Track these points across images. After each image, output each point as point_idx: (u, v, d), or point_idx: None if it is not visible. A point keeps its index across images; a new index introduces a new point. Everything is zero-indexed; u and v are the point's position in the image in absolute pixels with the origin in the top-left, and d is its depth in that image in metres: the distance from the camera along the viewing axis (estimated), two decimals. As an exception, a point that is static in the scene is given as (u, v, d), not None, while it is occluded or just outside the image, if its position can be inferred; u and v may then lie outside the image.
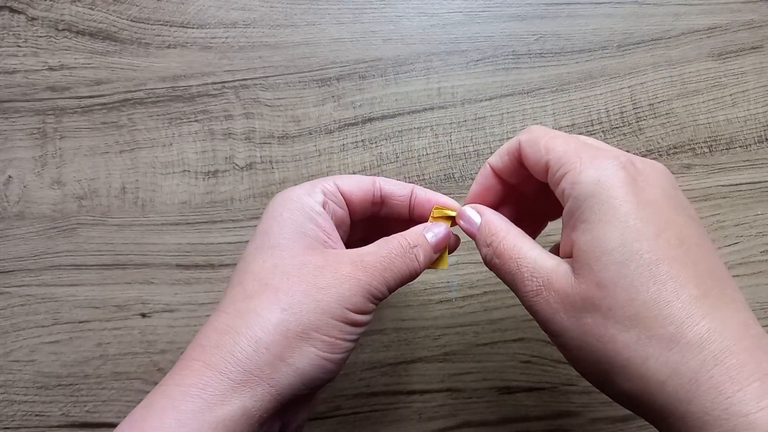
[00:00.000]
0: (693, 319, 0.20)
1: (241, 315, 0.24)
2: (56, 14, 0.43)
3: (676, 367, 0.20)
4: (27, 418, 0.39)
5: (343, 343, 0.24)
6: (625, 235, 0.21)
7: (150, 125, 0.42)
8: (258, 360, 0.23)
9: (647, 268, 0.21)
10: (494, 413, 0.38)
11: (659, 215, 0.22)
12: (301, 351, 0.23)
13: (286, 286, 0.24)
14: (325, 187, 0.28)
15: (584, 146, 0.24)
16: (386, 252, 0.26)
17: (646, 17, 0.43)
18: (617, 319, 0.21)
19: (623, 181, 0.22)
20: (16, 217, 0.41)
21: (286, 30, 0.43)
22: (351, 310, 0.24)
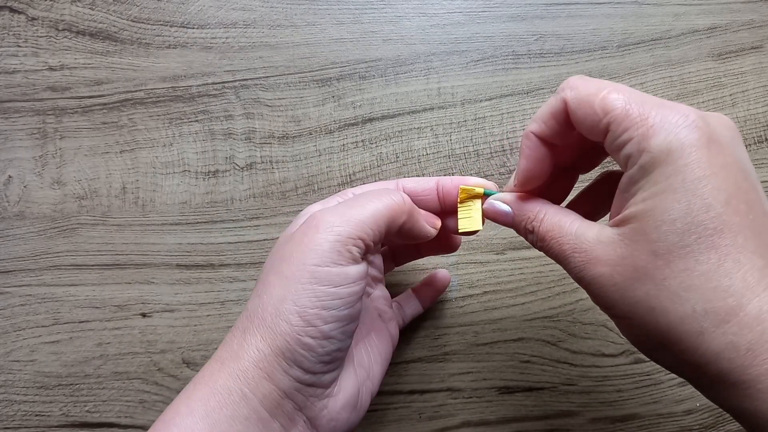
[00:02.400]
0: (754, 290, 0.19)
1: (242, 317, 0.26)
2: (56, 14, 0.43)
3: (733, 339, 0.19)
4: (27, 418, 0.39)
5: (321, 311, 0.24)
6: (691, 204, 0.20)
7: (150, 125, 0.42)
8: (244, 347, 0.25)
9: (710, 237, 0.20)
10: (494, 413, 0.38)
11: (730, 180, 0.20)
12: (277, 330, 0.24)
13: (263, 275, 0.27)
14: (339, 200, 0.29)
15: (646, 102, 0.21)
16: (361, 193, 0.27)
17: (645, 17, 0.43)
18: (671, 290, 0.20)
19: (696, 145, 0.20)
20: (17, 217, 0.41)
21: (286, 30, 0.43)
22: (318, 264, 0.24)
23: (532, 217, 0.26)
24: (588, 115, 0.22)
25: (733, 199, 0.20)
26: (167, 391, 0.39)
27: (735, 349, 0.19)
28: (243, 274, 0.40)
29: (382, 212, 0.26)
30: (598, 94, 0.22)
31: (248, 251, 0.40)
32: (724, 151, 0.20)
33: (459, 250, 0.40)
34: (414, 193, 0.30)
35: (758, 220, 0.20)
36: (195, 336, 0.39)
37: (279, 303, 0.24)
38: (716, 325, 0.19)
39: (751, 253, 0.20)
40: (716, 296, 0.19)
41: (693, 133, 0.20)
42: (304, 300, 0.24)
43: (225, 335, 0.27)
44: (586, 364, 0.38)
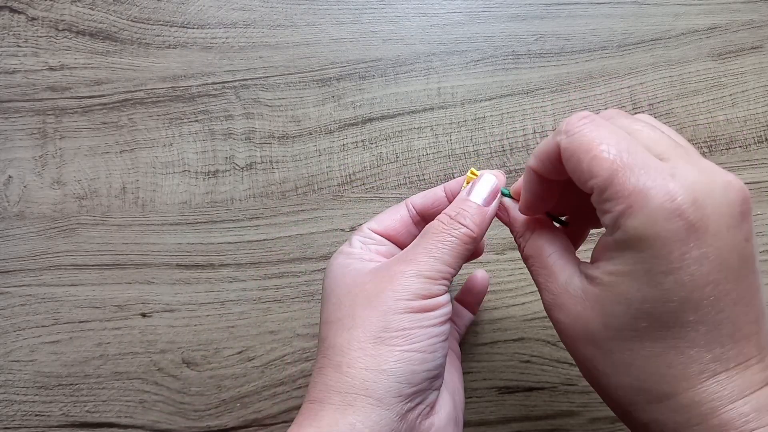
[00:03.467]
0: (690, 382, 0.20)
1: (324, 354, 0.26)
2: (56, 14, 0.43)
3: (660, 418, 0.21)
4: (27, 418, 0.39)
5: (420, 330, 0.25)
6: (648, 296, 0.20)
7: (150, 125, 0.42)
8: (346, 380, 0.24)
9: (659, 330, 0.20)
10: (494, 413, 0.38)
11: (699, 276, 0.19)
12: (382, 354, 0.24)
13: (346, 311, 0.26)
14: (359, 237, 0.30)
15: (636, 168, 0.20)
16: (428, 236, 0.26)
17: (645, 17, 0.43)
18: (614, 362, 0.21)
19: (671, 238, 0.19)
20: (17, 217, 0.41)
21: (286, 30, 0.43)
22: (412, 298, 0.25)
23: (521, 232, 0.26)
24: (575, 170, 0.21)
25: (696, 296, 0.19)
26: (167, 391, 0.39)
27: (661, 425, 0.21)
28: (243, 274, 0.40)
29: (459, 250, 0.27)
30: (589, 152, 0.20)
31: (248, 251, 0.40)
32: (705, 241, 0.19)
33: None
34: (426, 208, 0.30)
35: (722, 313, 0.20)
36: (195, 336, 0.39)
37: (382, 332, 0.25)
38: (647, 402, 0.21)
39: (700, 347, 0.20)
40: (652, 380, 0.20)
41: (672, 223, 0.19)
42: (405, 324, 0.25)
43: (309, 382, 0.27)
44: (586, 364, 0.38)
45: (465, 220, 0.26)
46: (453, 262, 0.26)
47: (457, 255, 0.26)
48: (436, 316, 0.25)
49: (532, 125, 0.42)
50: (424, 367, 0.25)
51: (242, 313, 0.40)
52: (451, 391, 0.30)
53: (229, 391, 0.39)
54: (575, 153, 0.21)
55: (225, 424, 0.38)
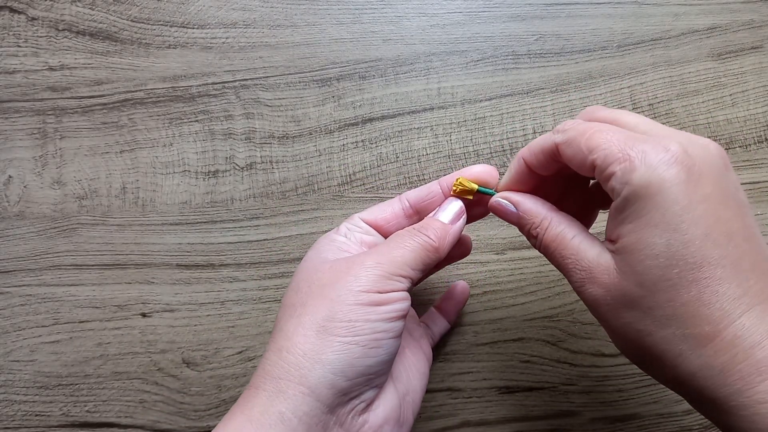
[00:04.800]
0: (730, 318, 0.21)
1: (273, 338, 0.26)
2: (56, 14, 0.43)
3: (708, 361, 0.21)
4: (27, 418, 0.39)
5: (365, 324, 0.25)
6: (672, 239, 0.21)
7: (150, 125, 0.42)
8: (283, 365, 0.24)
9: (690, 271, 0.21)
10: (494, 413, 0.38)
11: (709, 213, 0.21)
12: (323, 342, 0.24)
13: (301, 297, 0.26)
14: (347, 224, 0.30)
15: (629, 139, 0.23)
16: (394, 238, 0.28)
17: (645, 17, 0.43)
18: (655, 317, 0.22)
19: (674, 181, 0.21)
20: (17, 217, 0.41)
21: (286, 30, 0.43)
22: (365, 290, 0.25)
23: (536, 224, 0.26)
24: (576, 154, 0.24)
25: (713, 232, 0.21)
26: (167, 391, 0.39)
27: (709, 369, 0.21)
28: (243, 274, 0.40)
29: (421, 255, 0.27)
30: (585, 134, 0.23)
31: (248, 251, 0.40)
32: (704, 183, 0.21)
33: (459, 250, 0.40)
34: (419, 200, 0.30)
35: (739, 248, 0.21)
36: (195, 336, 0.39)
37: (326, 321, 0.25)
38: (693, 348, 0.21)
39: (729, 283, 0.21)
40: (695, 323, 0.21)
41: (672, 168, 0.21)
42: (351, 315, 0.25)
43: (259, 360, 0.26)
44: (586, 364, 0.38)
45: (428, 232, 0.28)
46: (412, 263, 0.27)
47: (417, 258, 0.27)
48: (386, 311, 0.25)
49: (532, 125, 0.42)
50: (364, 362, 0.25)
51: (242, 313, 0.40)
52: (402, 391, 0.29)
53: (229, 391, 0.39)
54: (573, 140, 0.24)
55: (225, 424, 0.38)
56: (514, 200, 0.28)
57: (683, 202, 0.21)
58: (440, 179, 0.30)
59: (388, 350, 0.26)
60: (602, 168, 0.23)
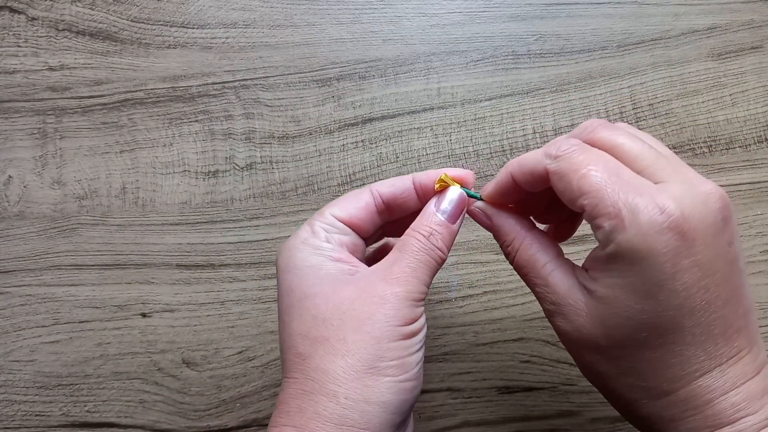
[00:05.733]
0: (688, 378, 0.22)
1: (309, 376, 0.24)
2: (56, 14, 0.43)
3: (659, 412, 0.22)
4: (27, 418, 0.39)
5: (411, 357, 0.24)
6: (647, 307, 0.21)
7: (150, 125, 0.42)
8: (343, 412, 0.23)
9: (658, 337, 0.21)
10: (494, 413, 0.38)
11: (692, 282, 0.21)
12: (379, 385, 0.23)
13: (334, 331, 0.24)
14: (321, 224, 0.27)
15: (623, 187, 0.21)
16: (409, 254, 0.26)
17: (645, 17, 0.43)
18: (618, 366, 0.23)
19: (662, 250, 0.20)
20: (17, 217, 0.41)
21: (286, 30, 0.43)
22: (403, 324, 0.24)
23: (508, 242, 0.26)
24: (566, 189, 0.23)
25: (690, 302, 0.21)
26: (167, 391, 0.39)
27: (660, 419, 0.22)
28: (243, 274, 0.40)
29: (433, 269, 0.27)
30: (577, 173, 0.22)
31: (248, 251, 0.40)
32: (696, 248, 0.20)
33: (458, 250, 0.40)
34: (393, 197, 0.28)
35: (715, 314, 0.21)
36: (195, 336, 0.39)
37: (376, 361, 0.24)
38: (648, 398, 0.22)
39: (695, 348, 0.21)
40: (652, 379, 0.22)
41: (663, 235, 0.20)
42: (398, 352, 0.24)
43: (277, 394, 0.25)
44: (586, 364, 0.38)
45: (438, 242, 0.26)
46: (429, 283, 0.26)
47: (431, 273, 0.26)
48: (420, 339, 0.25)
49: (532, 125, 0.42)
50: (414, 394, 0.25)
51: (242, 313, 0.40)
52: None
53: (229, 391, 0.39)
54: (565, 175, 0.23)
55: (225, 424, 0.38)
56: (489, 214, 0.27)
57: (668, 271, 0.20)
58: (414, 176, 0.28)
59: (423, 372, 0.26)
60: (590, 216, 0.22)
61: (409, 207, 0.29)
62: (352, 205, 0.28)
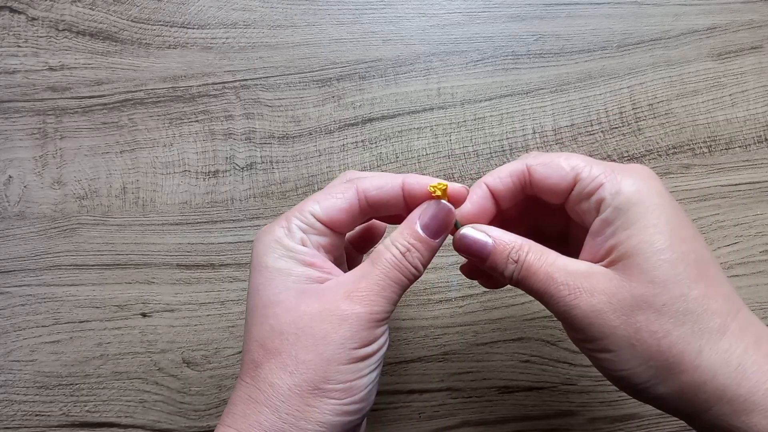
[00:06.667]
0: (732, 313, 0.22)
1: (257, 384, 0.24)
2: (56, 14, 0.43)
3: (724, 356, 0.22)
4: (27, 418, 0.39)
5: (360, 380, 0.24)
6: (672, 237, 0.22)
7: (150, 125, 0.42)
8: (282, 426, 0.23)
9: (694, 266, 0.22)
10: (494, 413, 0.38)
11: (686, 221, 0.24)
12: (322, 406, 0.24)
13: (287, 346, 0.24)
14: (299, 223, 0.26)
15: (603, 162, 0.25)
16: (379, 270, 0.25)
17: (645, 17, 0.43)
18: (671, 314, 0.22)
19: (658, 190, 0.23)
20: (17, 217, 0.41)
21: (286, 30, 0.43)
22: (359, 347, 0.24)
23: (516, 247, 0.25)
24: (554, 171, 0.25)
25: (696, 237, 0.23)
26: (167, 390, 0.39)
27: (727, 365, 0.21)
28: (243, 274, 0.40)
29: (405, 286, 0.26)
30: (560, 156, 0.25)
31: (248, 251, 0.40)
32: (672, 199, 0.24)
33: (459, 250, 0.40)
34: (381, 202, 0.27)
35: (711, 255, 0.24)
36: (195, 336, 0.39)
37: (322, 383, 0.24)
38: (711, 343, 0.22)
39: (723, 280, 0.23)
40: (708, 317, 0.22)
41: (652, 180, 0.24)
42: (347, 376, 0.24)
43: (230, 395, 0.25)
44: (586, 363, 0.38)
45: (414, 261, 0.25)
46: (397, 300, 0.26)
47: (401, 293, 0.26)
48: (376, 361, 0.25)
49: (532, 125, 0.42)
50: (359, 415, 0.25)
51: (242, 313, 0.40)
52: None
53: (229, 391, 0.39)
54: (551, 160, 0.25)
55: (225, 423, 0.38)
56: (484, 229, 0.26)
57: (669, 207, 0.23)
58: (405, 178, 0.26)
59: (375, 393, 0.26)
60: (587, 181, 0.24)
61: (395, 211, 0.28)
62: (334, 205, 0.26)
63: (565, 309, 0.23)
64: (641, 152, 0.41)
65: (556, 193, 0.25)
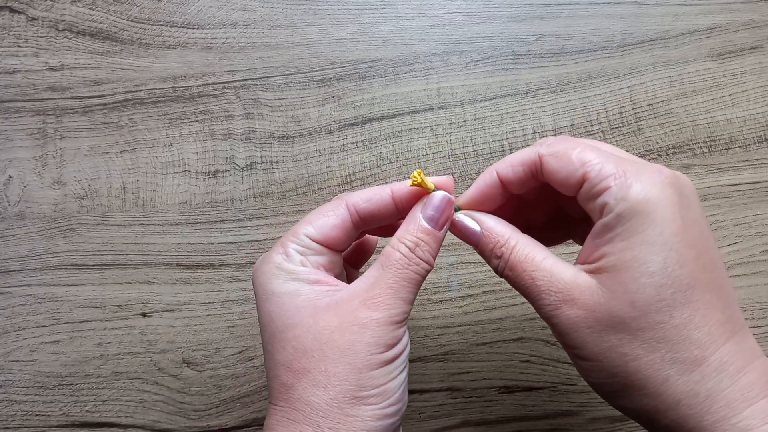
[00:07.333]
0: (716, 343, 0.21)
1: (293, 405, 0.24)
2: (56, 14, 0.43)
3: (694, 388, 0.21)
4: (27, 418, 0.39)
5: (393, 382, 0.24)
6: (668, 259, 0.21)
7: (150, 125, 0.42)
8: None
9: (684, 292, 0.21)
10: (494, 413, 0.38)
11: (697, 237, 0.22)
12: (362, 414, 0.24)
13: (315, 363, 0.24)
14: (295, 246, 0.26)
15: (620, 158, 0.23)
16: (391, 273, 0.25)
17: (645, 17, 0.43)
18: (644, 340, 0.21)
19: (671, 201, 0.21)
20: (17, 217, 0.41)
21: (286, 30, 0.43)
22: (384, 350, 0.24)
23: (501, 242, 0.25)
24: (564, 166, 0.23)
25: (701, 256, 0.21)
26: (167, 390, 0.39)
27: (695, 396, 0.21)
28: (243, 274, 0.40)
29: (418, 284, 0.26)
30: (575, 149, 0.23)
31: (248, 251, 0.40)
32: (691, 209, 0.22)
33: (459, 249, 0.40)
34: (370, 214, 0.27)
35: (720, 275, 0.22)
36: (195, 336, 0.39)
37: (358, 391, 0.24)
38: (680, 373, 0.21)
39: (715, 309, 0.21)
40: (684, 348, 0.21)
41: (668, 189, 0.21)
42: (379, 380, 0.24)
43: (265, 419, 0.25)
44: (586, 363, 0.38)
45: (425, 255, 0.25)
46: (413, 299, 0.26)
47: (417, 290, 0.26)
48: (403, 361, 0.25)
49: (532, 125, 0.42)
50: (398, 417, 0.25)
51: (242, 313, 0.40)
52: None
53: (229, 391, 0.39)
54: (563, 152, 0.23)
55: (225, 423, 0.38)
56: (477, 218, 0.26)
57: (678, 222, 0.21)
58: (392, 187, 0.27)
59: (407, 389, 0.26)
60: (595, 182, 0.22)
61: (387, 219, 0.28)
62: (327, 223, 0.27)
63: (547, 314, 0.24)
64: (641, 152, 0.41)
65: (565, 187, 0.24)
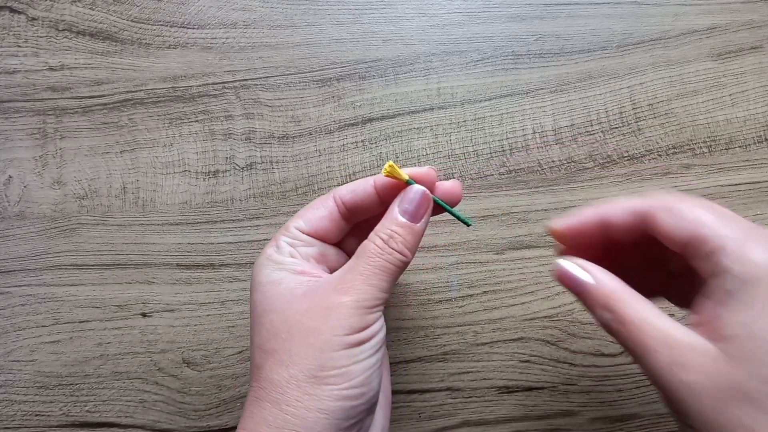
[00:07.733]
0: None
1: (260, 384, 0.25)
2: (56, 14, 0.43)
3: None
4: (27, 418, 0.39)
5: (357, 365, 0.25)
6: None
7: (150, 125, 0.42)
8: (285, 417, 0.24)
9: None
10: (493, 413, 0.38)
11: None
12: (320, 393, 0.24)
13: (281, 344, 0.25)
14: (286, 239, 0.28)
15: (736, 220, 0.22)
16: (364, 261, 0.26)
17: (645, 17, 0.43)
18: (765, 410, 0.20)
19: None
20: (17, 217, 0.41)
21: (286, 30, 0.43)
22: (350, 333, 0.25)
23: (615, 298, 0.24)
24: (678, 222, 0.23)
25: None
26: (167, 390, 0.39)
27: None
28: (243, 274, 0.40)
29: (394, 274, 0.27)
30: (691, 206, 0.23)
31: (248, 251, 0.40)
32: None
33: (459, 249, 0.40)
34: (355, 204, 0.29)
35: None
36: (195, 336, 0.39)
37: (318, 371, 0.24)
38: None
39: None
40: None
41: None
42: (341, 361, 0.25)
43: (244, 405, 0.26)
44: (586, 363, 0.38)
45: (398, 246, 0.26)
46: (388, 288, 0.26)
47: (392, 280, 0.26)
48: (372, 346, 0.25)
49: (532, 125, 0.42)
50: (362, 401, 0.25)
51: (242, 313, 0.40)
52: (387, 395, 0.30)
53: (229, 391, 0.39)
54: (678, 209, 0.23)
55: (225, 423, 0.38)
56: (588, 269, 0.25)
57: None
58: (375, 178, 0.29)
59: (378, 379, 0.26)
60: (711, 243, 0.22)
61: (372, 210, 0.29)
62: (316, 215, 0.29)
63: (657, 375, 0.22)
64: (641, 152, 0.41)
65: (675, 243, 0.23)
